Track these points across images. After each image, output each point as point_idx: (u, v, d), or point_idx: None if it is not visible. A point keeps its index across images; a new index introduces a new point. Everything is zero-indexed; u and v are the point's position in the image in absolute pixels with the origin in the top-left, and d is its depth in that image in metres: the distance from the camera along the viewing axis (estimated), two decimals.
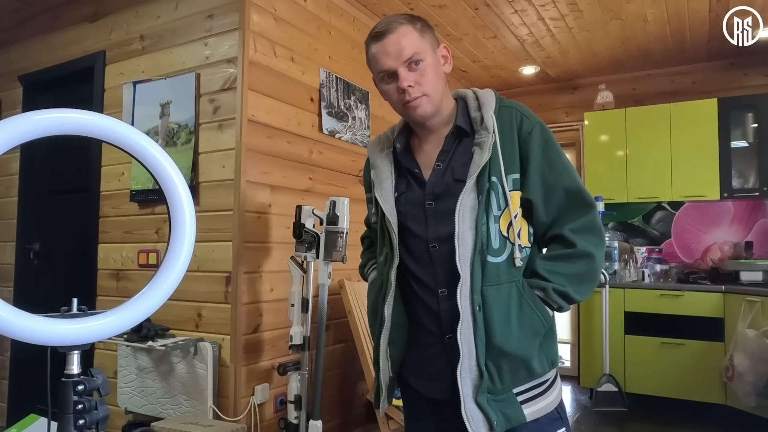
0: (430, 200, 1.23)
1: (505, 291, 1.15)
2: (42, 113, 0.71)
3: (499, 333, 1.13)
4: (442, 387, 1.20)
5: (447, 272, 1.18)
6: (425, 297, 1.23)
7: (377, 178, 1.31)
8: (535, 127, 1.21)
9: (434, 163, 1.25)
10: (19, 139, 0.69)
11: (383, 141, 1.37)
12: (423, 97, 1.21)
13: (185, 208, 0.83)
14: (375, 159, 1.34)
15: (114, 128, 0.77)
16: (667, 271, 4.29)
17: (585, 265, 1.18)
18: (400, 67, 1.19)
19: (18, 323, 0.67)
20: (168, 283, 0.81)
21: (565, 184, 1.19)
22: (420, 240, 1.23)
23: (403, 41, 1.19)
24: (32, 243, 3.34)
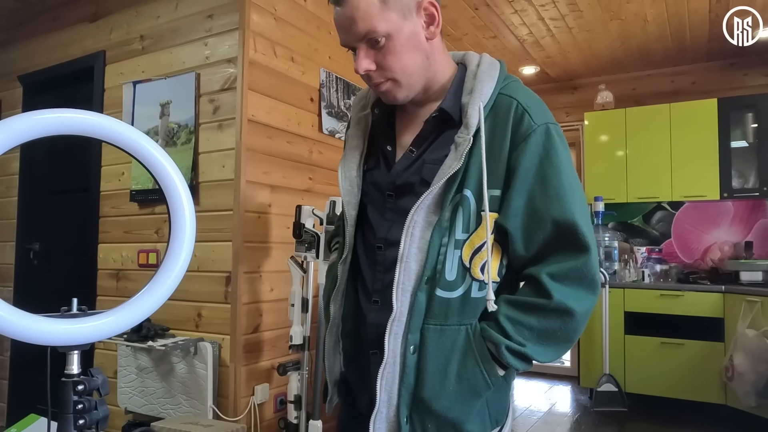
0: (391, 191, 0.99)
1: (451, 335, 0.91)
2: (42, 113, 0.71)
3: (430, 386, 0.90)
4: (364, 400, 1.00)
5: (385, 282, 0.97)
6: (362, 299, 1.01)
7: (347, 144, 1.08)
8: (536, 131, 0.92)
9: (408, 146, 1.00)
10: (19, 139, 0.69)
11: (368, 97, 1.09)
12: (388, 82, 0.96)
13: (185, 208, 0.83)
14: (353, 117, 1.10)
15: (114, 128, 0.77)
16: (667, 271, 4.29)
17: (559, 322, 0.90)
18: (358, 44, 0.94)
19: (18, 323, 0.67)
20: (168, 283, 0.81)
21: (557, 215, 0.90)
22: (372, 233, 1.00)
23: (356, 14, 0.91)
24: (32, 243, 3.34)
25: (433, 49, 0.98)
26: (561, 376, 4.81)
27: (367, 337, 0.99)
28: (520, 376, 4.89)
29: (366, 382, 1.00)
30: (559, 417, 3.80)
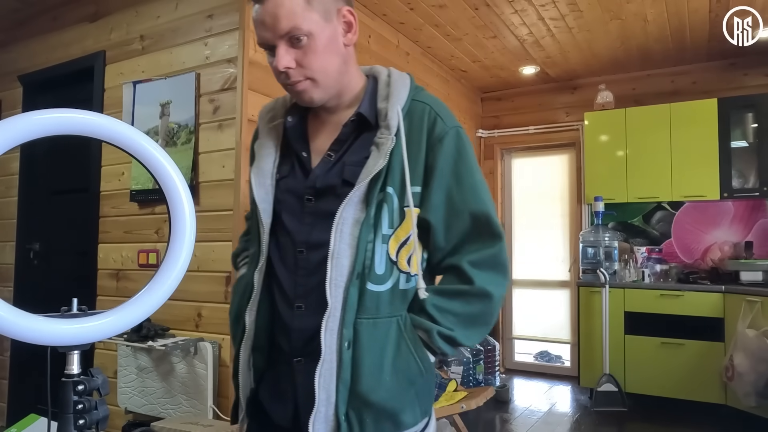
0: (310, 195, 1.01)
1: (383, 327, 0.95)
2: (42, 113, 0.71)
3: (366, 379, 0.92)
4: (285, 414, 1.00)
5: (308, 286, 0.98)
6: (282, 307, 1.00)
7: (258, 153, 1.07)
8: (448, 133, 1.01)
9: (326, 151, 1.03)
10: (19, 139, 0.69)
11: (277, 109, 1.12)
12: (307, 81, 0.98)
13: (185, 208, 0.83)
14: (261, 129, 1.10)
15: (114, 128, 0.77)
16: (667, 271, 4.29)
17: (481, 306, 0.98)
18: (278, 41, 0.96)
19: (18, 323, 0.67)
20: (168, 283, 0.81)
21: (473, 207, 1.00)
22: (290, 239, 1.01)
23: (281, 11, 0.94)
24: (32, 243, 3.34)
25: (349, 56, 1.03)
26: (561, 376, 4.81)
27: (292, 345, 0.99)
28: (520, 376, 4.89)
29: (285, 393, 1.00)
30: (559, 417, 3.80)
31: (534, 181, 5.21)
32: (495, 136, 5.25)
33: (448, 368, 3.76)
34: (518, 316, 5.21)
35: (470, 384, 3.90)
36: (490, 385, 3.98)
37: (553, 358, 5.07)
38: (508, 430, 3.58)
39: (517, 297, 5.23)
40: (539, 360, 5.11)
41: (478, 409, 2.94)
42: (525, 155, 5.28)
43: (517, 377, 4.87)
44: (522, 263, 5.21)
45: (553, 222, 5.05)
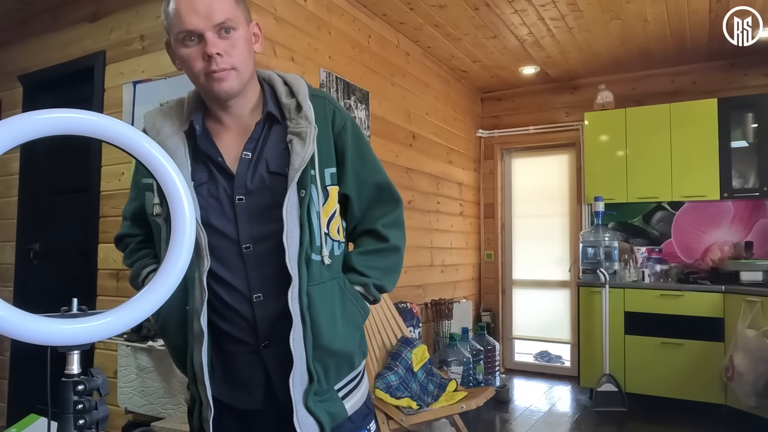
0: (241, 195, 1.08)
1: (328, 289, 1.10)
2: (42, 113, 0.71)
3: (326, 333, 1.07)
4: (254, 398, 1.11)
5: (264, 275, 1.08)
6: (236, 304, 1.09)
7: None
8: (347, 121, 1.18)
9: (241, 152, 1.10)
10: (19, 139, 0.69)
11: (172, 116, 1.15)
12: (231, 70, 1.06)
13: (185, 208, 0.83)
14: (162, 137, 1.11)
15: (114, 128, 0.77)
16: (667, 271, 4.29)
17: (395, 258, 1.22)
18: (208, 31, 1.03)
19: (18, 323, 0.67)
20: (168, 283, 0.81)
21: (377, 179, 1.21)
22: (228, 240, 1.08)
23: (215, 3, 1.03)
24: (32, 243, 3.34)
25: (254, 62, 1.14)
26: (561, 376, 4.81)
27: (258, 334, 1.09)
28: (520, 376, 4.89)
29: (251, 380, 1.11)
30: (559, 417, 3.80)
31: (534, 181, 5.21)
32: (495, 136, 5.25)
33: (448, 368, 3.76)
34: (518, 316, 5.21)
35: (470, 384, 3.90)
36: (490, 385, 3.98)
37: (553, 358, 5.08)
38: (508, 430, 3.58)
39: (517, 297, 5.23)
40: (539, 360, 5.11)
41: (478, 409, 2.94)
42: (525, 155, 5.28)
43: (517, 377, 4.87)
44: (522, 263, 5.22)
45: (553, 222, 5.05)
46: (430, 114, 4.33)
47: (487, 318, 5.01)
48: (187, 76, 1.11)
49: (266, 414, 1.12)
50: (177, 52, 1.08)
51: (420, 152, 4.14)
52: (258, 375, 1.11)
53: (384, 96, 3.66)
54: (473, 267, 5.10)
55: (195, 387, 1.10)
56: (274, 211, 1.06)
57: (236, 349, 1.11)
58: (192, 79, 1.10)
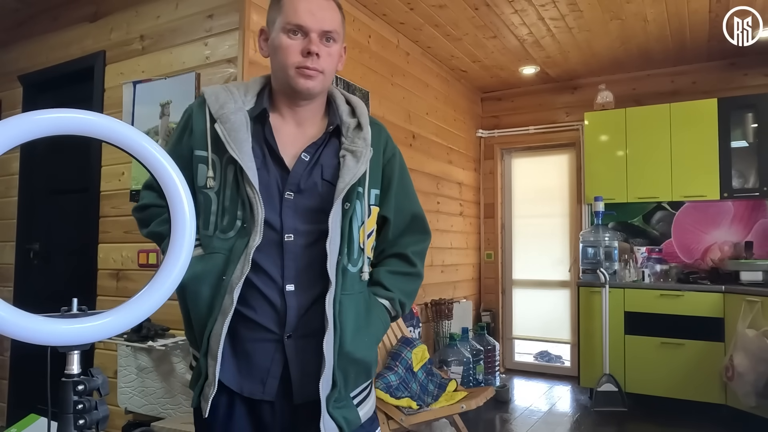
0: (291, 192, 1.14)
1: (356, 301, 1.16)
2: (42, 113, 0.71)
3: (351, 341, 1.12)
4: (268, 388, 1.12)
5: (298, 268, 1.12)
6: (267, 290, 1.12)
7: (232, 135, 1.12)
8: (396, 152, 1.29)
9: (299, 152, 1.16)
10: (19, 139, 0.69)
11: (236, 95, 1.19)
12: (320, 73, 1.14)
13: (185, 208, 0.83)
14: (227, 111, 1.14)
15: (114, 128, 0.77)
16: (667, 271, 4.29)
17: (416, 284, 1.30)
18: (315, 33, 1.12)
19: (18, 323, 0.67)
20: (168, 283, 0.81)
21: (414, 209, 1.31)
22: (269, 227, 1.12)
23: (329, 13, 1.15)
24: (32, 243, 3.34)
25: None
26: (561, 376, 4.81)
27: (287, 323, 1.11)
28: (520, 376, 4.89)
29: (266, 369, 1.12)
30: (559, 417, 3.80)
31: (534, 181, 5.21)
32: (495, 136, 5.25)
33: (448, 368, 3.76)
34: (518, 316, 5.21)
35: (470, 384, 3.90)
36: (490, 385, 3.98)
37: (553, 358, 5.08)
38: (508, 430, 3.58)
39: (517, 297, 5.23)
40: (539, 360, 5.11)
41: (478, 409, 2.94)
42: (525, 155, 5.28)
43: (517, 377, 4.87)
44: (522, 263, 5.22)
45: (553, 222, 5.05)
46: (430, 114, 4.33)
47: (487, 318, 5.01)
48: (273, 64, 1.17)
49: (277, 406, 1.13)
50: (276, 40, 1.14)
51: (420, 152, 4.14)
52: (276, 366, 1.12)
53: (384, 96, 3.66)
54: (473, 267, 5.10)
55: (205, 361, 1.11)
56: (318, 215, 1.13)
57: (255, 336, 1.12)
58: (278, 68, 1.15)
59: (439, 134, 4.46)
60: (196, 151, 1.16)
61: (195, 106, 1.21)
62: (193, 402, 1.13)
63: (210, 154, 1.14)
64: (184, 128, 1.21)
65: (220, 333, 1.08)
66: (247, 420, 1.14)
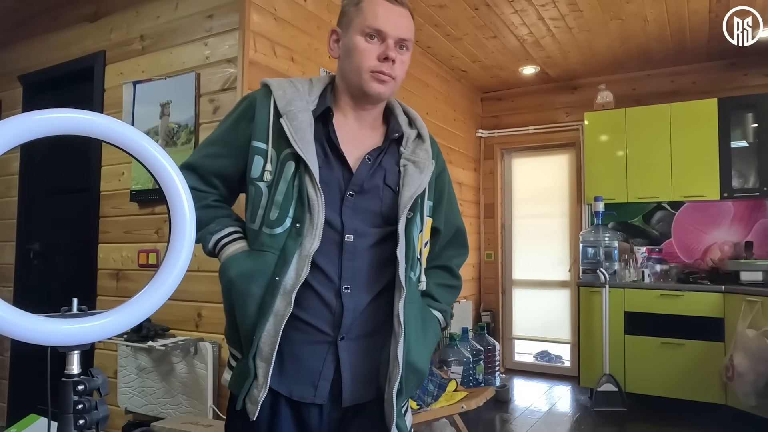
0: (353, 191, 1.13)
1: (415, 310, 1.17)
2: (42, 113, 0.71)
3: (414, 350, 1.14)
4: (319, 391, 1.10)
5: (354, 268, 1.12)
6: (323, 291, 1.10)
7: (298, 132, 1.10)
8: (446, 167, 1.34)
9: (363, 154, 1.16)
10: (19, 139, 0.69)
11: (302, 93, 1.17)
12: (392, 80, 1.15)
13: (185, 208, 0.83)
14: (294, 109, 1.13)
15: (114, 128, 0.77)
16: (667, 271, 4.29)
17: (456, 295, 1.35)
18: (393, 40, 1.13)
19: (18, 323, 0.67)
20: (168, 283, 0.81)
21: (458, 223, 1.35)
22: (329, 227, 1.10)
23: (407, 22, 1.16)
24: (32, 243, 3.34)
25: None
26: (561, 376, 4.81)
27: (342, 324, 1.10)
28: (520, 376, 4.89)
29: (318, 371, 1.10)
30: (559, 417, 3.80)
31: (534, 181, 5.21)
32: (495, 136, 5.25)
33: (448, 368, 3.75)
34: (518, 316, 5.21)
35: (470, 384, 3.90)
36: (490, 385, 3.98)
37: (553, 358, 5.07)
38: (508, 430, 3.58)
39: (517, 297, 5.23)
40: (539, 360, 5.11)
41: (478, 409, 2.94)
42: (525, 155, 5.28)
43: (517, 377, 4.87)
44: (522, 263, 5.21)
45: (553, 222, 5.05)
46: (430, 114, 4.33)
47: (487, 318, 5.01)
48: (345, 65, 1.17)
49: (326, 410, 1.11)
50: (351, 41, 1.14)
51: None
52: (328, 368, 1.10)
53: None
54: (473, 267, 5.10)
55: (253, 363, 1.07)
56: (376, 217, 1.14)
57: (307, 338, 1.10)
58: (350, 70, 1.15)
59: (439, 134, 4.46)
60: (254, 142, 1.13)
61: (259, 96, 1.17)
62: (238, 404, 1.08)
63: (270, 148, 1.12)
64: (243, 115, 1.18)
65: (272, 335, 1.05)
66: (293, 423, 1.11)
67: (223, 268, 1.13)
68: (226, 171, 1.19)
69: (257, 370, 1.07)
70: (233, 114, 1.21)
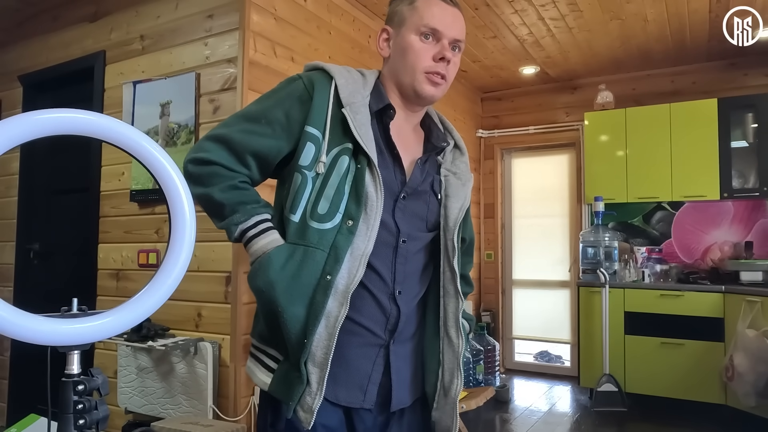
0: (406, 193, 1.11)
1: None
2: (42, 113, 0.71)
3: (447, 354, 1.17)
4: (368, 395, 1.07)
5: (405, 272, 1.10)
6: (378, 293, 1.06)
7: (362, 127, 1.05)
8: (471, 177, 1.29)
9: (416, 157, 1.15)
10: (19, 139, 0.69)
11: (358, 86, 1.11)
12: (445, 81, 1.12)
13: (185, 208, 0.83)
14: (356, 101, 1.07)
15: (114, 128, 0.77)
16: (667, 271, 4.29)
17: None
18: (448, 40, 1.11)
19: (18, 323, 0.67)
20: (168, 283, 0.81)
21: (472, 234, 1.35)
22: (384, 229, 1.06)
23: (461, 23, 1.14)
24: (32, 243, 3.34)
25: None
26: (561, 376, 4.81)
27: (396, 328, 1.09)
28: (520, 376, 4.89)
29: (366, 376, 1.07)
30: (559, 417, 3.80)
31: (534, 181, 5.21)
32: (495, 136, 5.25)
33: None
34: (518, 316, 5.21)
35: (470, 384, 3.90)
36: (490, 385, 3.98)
37: (553, 358, 5.07)
38: (508, 430, 3.58)
39: (517, 297, 5.23)
40: (539, 360, 5.11)
41: (478, 409, 2.94)
42: (525, 155, 5.28)
43: (517, 377, 4.87)
44: (522, 263, 5.21)
45: (553, 222, 5.05)
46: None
47: (487, 318, 5.01)
48: (397, 65, 1.13)
49: (373, 415, 1.09)
50: (406, 40, 1.11)
51: None
52: (377, 371, 1.08)
53: None
54: (473, 267, 5.10)
55: (305, 368, 0.99)
56: (421, 222, 1.13)
57: (357, 340, 1.05)
58: (403, 69, 1.12)
59: None
60: (308, 128, 1.05)
61: (317, 79, 1.09)
62: (288, 412, 1.00)
63: (327, 138, 1.04)
64: (296, 96, 1.07)
65: (326, 339, 0.99)
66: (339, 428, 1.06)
67: (258, 267, 1.02)
68: (266, 151, 1.06)
69: (309, 376, 0.99)
70: (280, 92, 1.10)
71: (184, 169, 1.04)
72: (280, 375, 1.04)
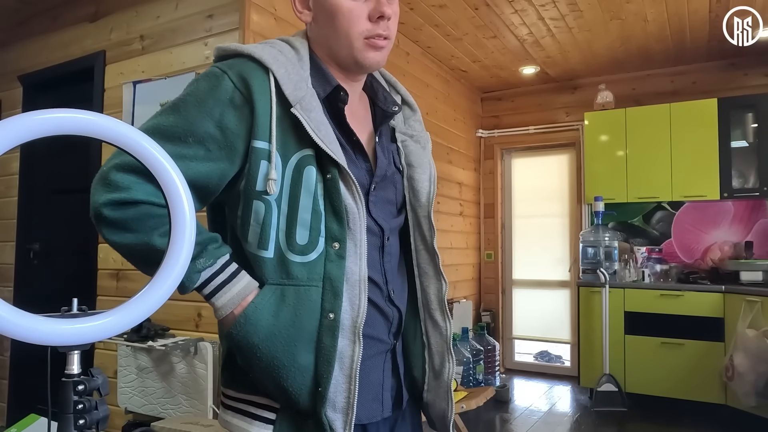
0: (375, 183, 0.95)
1: None
2: (42, 113, 0.71)
3: None
4: (385, 405, 0.97)
5: (392, 269, 0.99)
6: (376, 299, 0.94)
7: (320, 128, 0.86)
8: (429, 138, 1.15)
9: (368, 134, 0.98)
10: (19, 139, 0.69)
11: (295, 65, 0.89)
12: (388, 41, 0.92)
13: (185, 208, 0.83)
14: (304, 94, 0.87)
15: (114, 128, 0.77)
16: (667, 271, 4.29)
17: None
18: None
19: (18, 323, 0.67)
20: (168, 283, 0.81)
21: None
22: (368, 233, 0.93)
23: None
24: (32, 243, 3.34)
25: None
26: (561, 376, 4.81)
27: (397, 330, 1.01)
28: (520, 376, 4.89)
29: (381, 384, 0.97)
30: (559, 417, 3.80)
31: (534, 181, 5.21)
32: (495, 136, 5.25)
33: None
34: (518, 316, 5.21)
35: (470, 384, 3.90)
36: (490, 385, 3.98)
37: (553, 358, 5.08)
38: (508, 430, 3.58)
39: (517, 297, 5.23)
40: (539, 360, 5.11)
41: (478, 409, 2.94)
42: (525, 155, 5.28)
43: (517, 377, 4.87)
44: (522, 263, 5.22)
45: (553, 222, 5.05)
46: (430, 114, 4.33)
47: (487, 318, 5.01)
48: (327, 32, 0.91)
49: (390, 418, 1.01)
50: (334, 2, 0.88)
51: None
52: (387, 377, 0.98)
53: None
54: (473, 267, 5.10)
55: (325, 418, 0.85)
56: (391, 206, 0.98)
57: (369, 352, 0.93)
58: (335, 37, 0.90)
59: (439, 134, 4.46)
60: (256, 142, 0.84)
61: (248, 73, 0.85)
62: None
63: (276, 149, 0.84)
64: (230, 100, 0.84)
65: (345, 383, 0.86)
66: None
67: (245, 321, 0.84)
68: (204, 180, 0.84)
69: (332, 424, 0.85)
70: (202, 95, 0.85)
71: (97, 215, 0.82)
72: (286, 427, 0.88)
